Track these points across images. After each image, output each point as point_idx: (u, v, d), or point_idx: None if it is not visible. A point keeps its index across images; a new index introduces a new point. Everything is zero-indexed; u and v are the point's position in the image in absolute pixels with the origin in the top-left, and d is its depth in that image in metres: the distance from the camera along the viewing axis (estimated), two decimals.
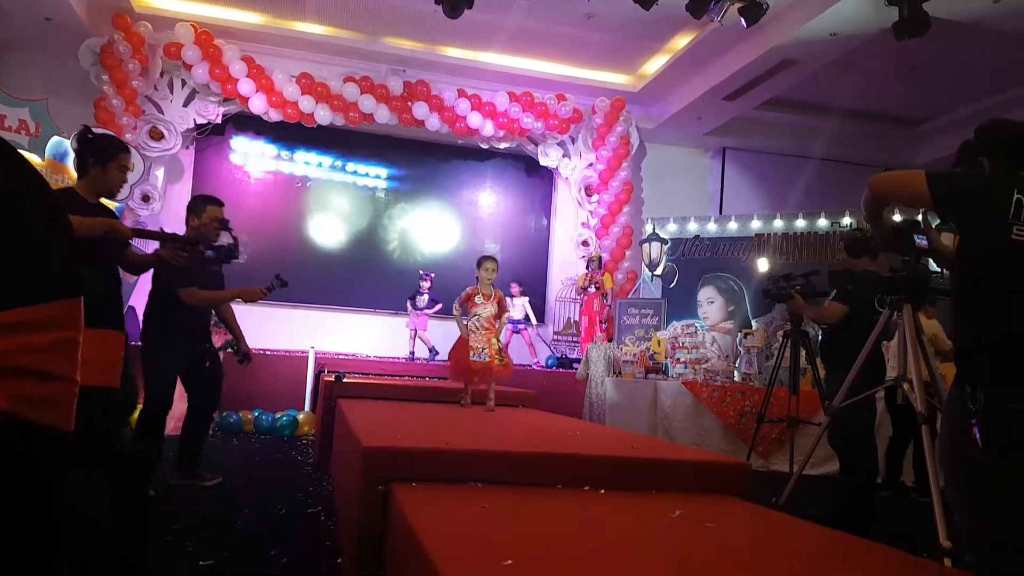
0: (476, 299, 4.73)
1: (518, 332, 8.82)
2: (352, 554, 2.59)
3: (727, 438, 6.41)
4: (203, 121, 8.50)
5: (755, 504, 2.51)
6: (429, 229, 9.78)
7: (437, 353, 8.42)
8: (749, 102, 8.89)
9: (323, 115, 8.50)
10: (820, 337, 4.65)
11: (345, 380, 5.32)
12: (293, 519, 3.76)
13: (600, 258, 8.78)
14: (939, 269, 2.48)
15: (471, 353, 4.64)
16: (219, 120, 8.61)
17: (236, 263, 4.28)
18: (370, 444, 2.51)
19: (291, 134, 9.05)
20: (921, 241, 2.19)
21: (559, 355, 8.94)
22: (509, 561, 1.54)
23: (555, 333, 9.34)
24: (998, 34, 6.80)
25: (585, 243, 9.34)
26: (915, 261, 2.35)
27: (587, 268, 8.72)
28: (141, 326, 4.26)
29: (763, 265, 5.50)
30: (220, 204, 4.42)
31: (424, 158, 9.86)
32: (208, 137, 8.88)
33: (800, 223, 8.05)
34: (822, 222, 8.00)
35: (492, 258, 4.86)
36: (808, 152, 10.26)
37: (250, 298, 4.38)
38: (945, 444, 2.00)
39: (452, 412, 4.55)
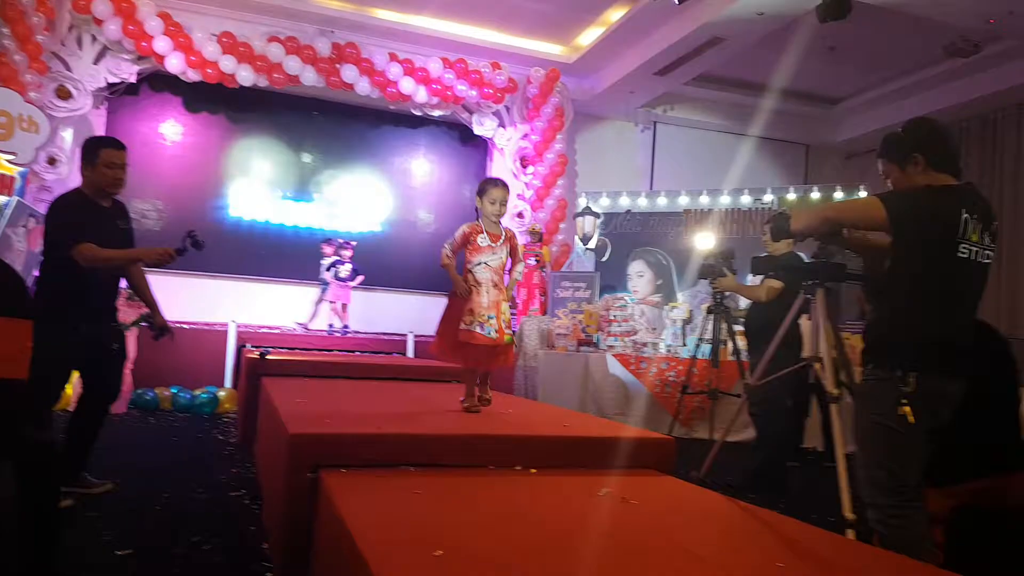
0: (479, 240, 3.37)
1: None
2: (279, 542, 2.56)
3: (653, 407, 6.61)
4: (116, 80, 8.04)
5: (677, 479, 2.61)
6: (359, 197, 9.57)
7: (348, 329, 8.32)
8: (680, 77, 8.99)
9: (245, 76, 8.16)
10: (747, 314, 4.80)
11: (269, 357, 5.19)
12: (215, 503, 3.65)
13: (540, 231, 8.80)
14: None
15: (475, 323, 3.29)
16: (133, 79, 8.16)
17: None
18: (297, 431, 2.47)
19: (211, 96, 8.67)
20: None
21: None
22: (439, 552, 1.55)
23: None
24: (913, 18, 7.05)
25: (520, 215, 9.34)
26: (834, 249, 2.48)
27: (527, 241, 8.73)
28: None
29: (700, 241, 5.65)
30: (119, 147, 3.68)
31: (353, 123, 9.61)
32: (121, 97, 8.41)
33: (725, 199, 8.26)
34: (745, 199, 8.23)
35: (501, 184, 3.45)
36: (735, 129, 10.46)
37: (158, 261, 3.56)
38: (868, 417, 2.27)
39: (383, 389, 4.52)
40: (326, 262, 8.46)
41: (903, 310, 2.30)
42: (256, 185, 9.13)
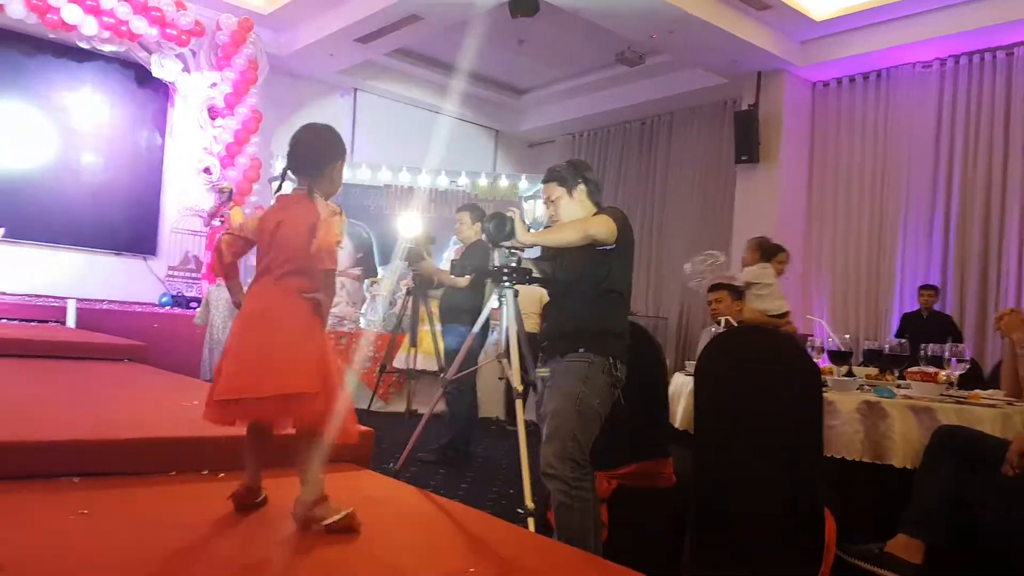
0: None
1: None
2: None
3: (351, 382, 6.65)
4: None
5: (374, 472, 2.68)
6: (6, 135, 8.07)
7: None
8: (381, 48, 8.95)
9: None
10: (442, 295, 5.09)
11: None
12: None
13: (231, 189, 8.21)
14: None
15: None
16: None
17: None
18: None
19: None
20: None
21: (175, 292, 8.24)
22: None
23: (170, 268, 8.54)
24: (592, 25, 7.85)
25: (207, 170, 8.62)
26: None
27: (215, 198, 8.09)
28: None
29: (402, 223, 5.75)
30: None
31: (2, 48, 8.06)
32: None
33: (424, 178, 8.50)
34: (442, 180, 8.54)
35: None
36: (434, 108, 10.73)
37: None
38: (575, 395, 2.57)
39: (35, 372, 3.95)
40: None
41: (609, 306, 2.70)
42: None
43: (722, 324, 3.85)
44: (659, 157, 10.47)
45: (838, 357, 3.24)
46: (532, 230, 2.78)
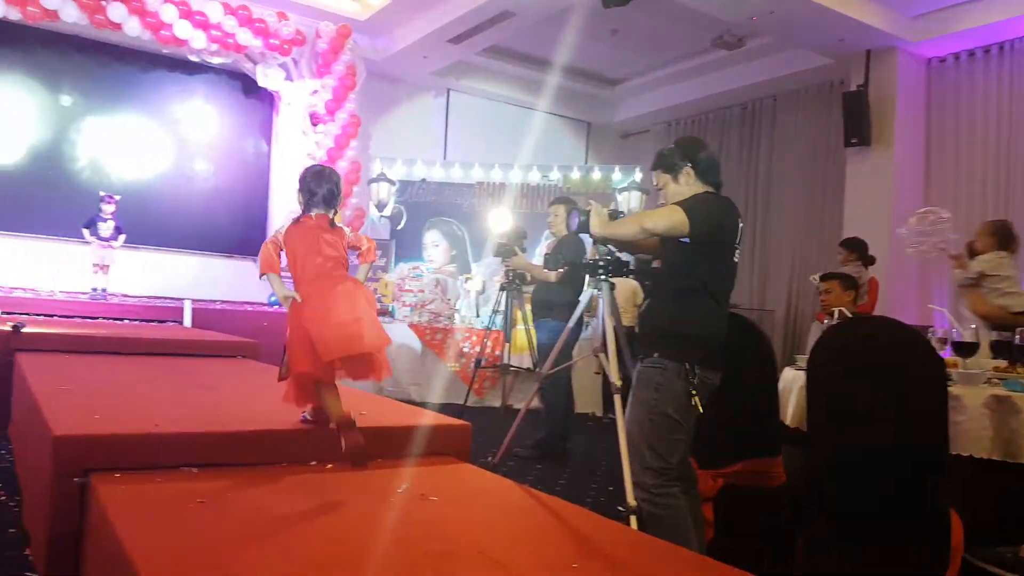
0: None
1: None
2: (43, 552, 2.31)
3: (447, 378, 6.76)
4: None
5: (473, 466, 2.70)
6: (127, 147, 8.63)
7: (105, 293, 7.54)
8: (472, 47, 9.00)
9: None
10: (534, 289, 5.08)
11: (25, 331, 4.59)
12: None
13: None
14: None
15: None
16: None
17: None
18: (63, 432, 2.23)
19: None
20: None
21: None
22: None
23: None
24: (687, 9, 7.62)
25: None
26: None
27: None
28: None
29: (493, 219, 5.80)
30: None
31: (121, 66, 8.62)
32: None
33: (516, 174, 8.51)
34: (534, 175, 8.53)
35: None
36: (525, 103, 10.71)
37: None
38: (649, 403, 2.47)
39: (156, 369, 4.18)
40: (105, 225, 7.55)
41: (686, 307, 2.50)
42: (4, 129, 7.93)
43: (835, 316, 3.64)
44: (762, 143, 10.09)
45: (963, 349, 3.02)
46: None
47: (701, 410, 2.42)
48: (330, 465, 2.49)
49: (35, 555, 2.53)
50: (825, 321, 3.65)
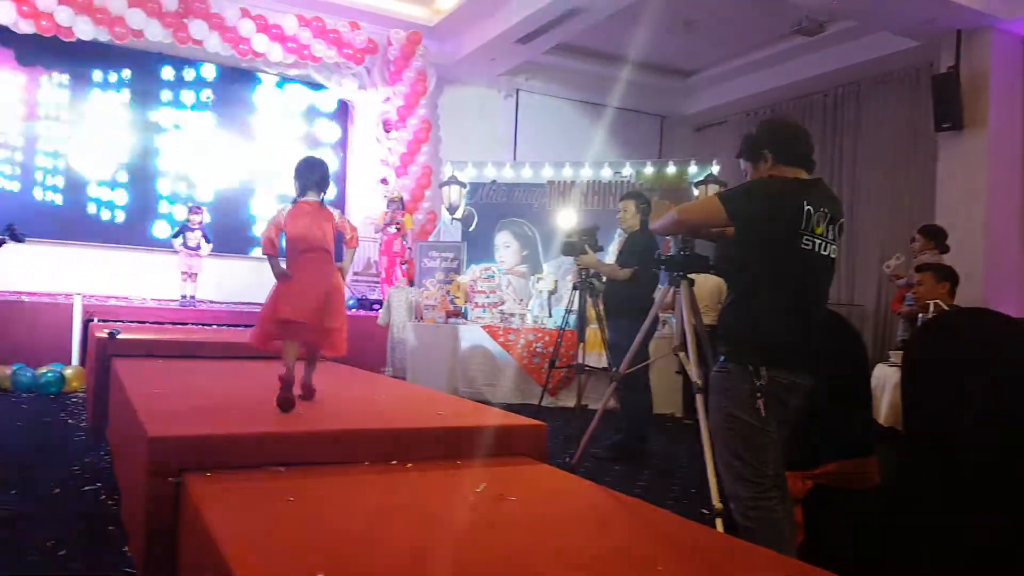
0: None
1: None
2: (141, 550, 2.41)
3: (521, 378, 6.75)
4: None
5: (550, 467, 2.67)
6: (212, 158, 9.00)
7: (193, 300, 7.86)
8: (540, 46, 8.99)
9: (84, 29, 7.43)
10: (605, 288, 5.01)
11: (120, 337, 4.81)
12: (68, 500, 3.37)
13: (402, 198, 8.63)
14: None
15: None
16: None
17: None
18: (158, 433, 2.32)
19: (46, 49, 7.85)
20: None
21: (359, 295, 8.80)
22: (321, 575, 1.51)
23: (355, 273, 9.13)
24: None
25: (384, 181, 9.12)
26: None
27: (388, 207, 8.54)
28: None
29: (563, 217, 5.75)
30: None
31: (204, 80, 8.99)
32: None
33: (586, 172, 8.43)
34: (605, 172, 8.43)
35: None
36: (594, 99, 10.63)
37: None
38: (723, 409, 2.33)
39: (243, 373, 4.32)
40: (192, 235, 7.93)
41: (748, 304, 2.35)
42: (99, 144, 8.39)
43: (931, 309, 3.44)
44: (846, 131, 9.72)
45: None
46: None
47: (763, 413, 2.22)
48: (410, 464, 2.51)
49: (133, 551, 2.64)
50: (920, 315, 3.46)
